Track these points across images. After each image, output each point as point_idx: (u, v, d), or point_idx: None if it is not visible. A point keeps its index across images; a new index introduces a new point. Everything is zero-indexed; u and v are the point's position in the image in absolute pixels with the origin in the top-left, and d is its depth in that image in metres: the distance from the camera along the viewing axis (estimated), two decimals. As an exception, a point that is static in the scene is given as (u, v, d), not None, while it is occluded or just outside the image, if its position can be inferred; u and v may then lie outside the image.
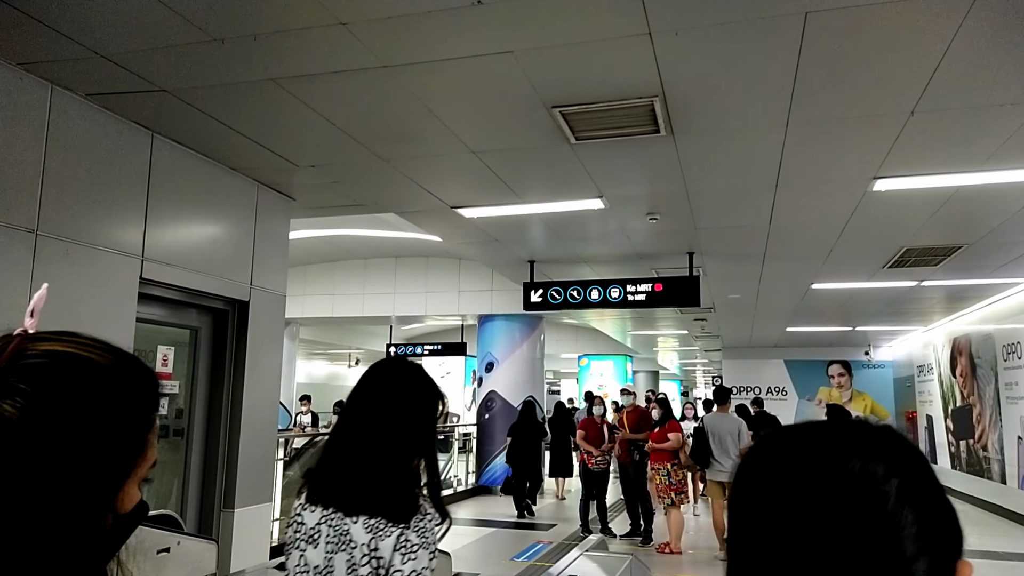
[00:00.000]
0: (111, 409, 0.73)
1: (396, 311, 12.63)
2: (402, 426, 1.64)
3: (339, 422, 1.73)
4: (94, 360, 0.74)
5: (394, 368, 1.76)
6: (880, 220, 6.07)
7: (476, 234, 6.73)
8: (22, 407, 0.68)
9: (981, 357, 10.78)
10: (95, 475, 0.71)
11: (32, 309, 0.78)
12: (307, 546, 1.61)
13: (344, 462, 1.64)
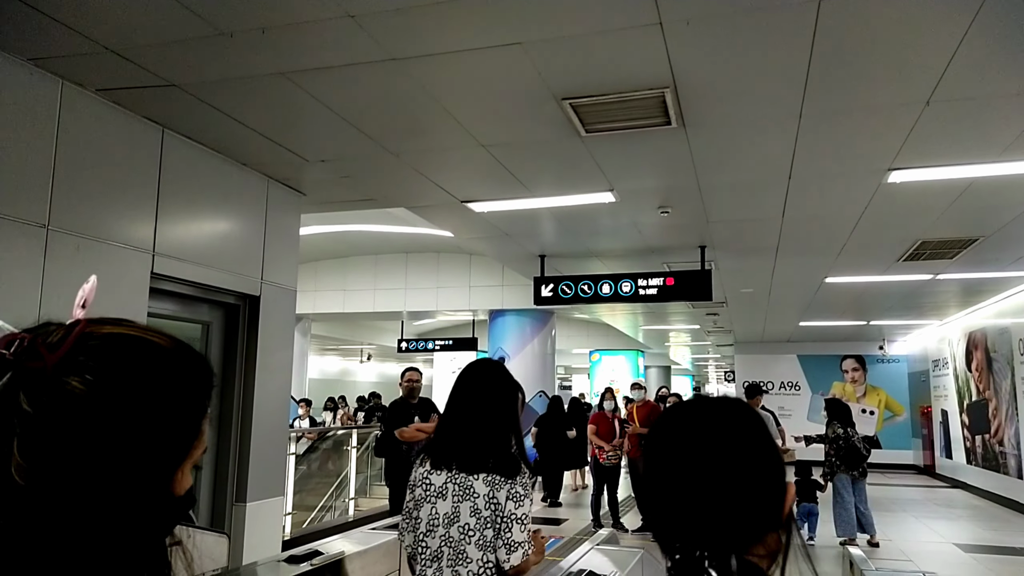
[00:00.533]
0: (173, 390, 0.75)
1: (407, 306, 12.64)
2: (500, 409, 2.29)
3: (449, 406, 2.35)
4: (157, 343, 0.76)
5: (489, 368, 2.44)
6: (895, 213, 6.00)
7: (486, 229, 6.71)
8: (91, 384, 0.69)
9: (997, 351, 10.66)
10: (157, 454, 0.73)
11: (84, 300, 0.79)
12: (437, 499, 2.18)
13: (463, 436, 2.24)
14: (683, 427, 1.00)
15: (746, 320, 13.68)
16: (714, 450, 0.96)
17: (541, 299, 7.76)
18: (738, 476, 0.94)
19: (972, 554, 7.31)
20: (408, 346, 15.41)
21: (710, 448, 0.96)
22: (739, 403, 1.04)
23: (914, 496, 11.98)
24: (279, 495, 5.27)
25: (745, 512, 0.93)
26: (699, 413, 1.02)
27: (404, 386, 6.35)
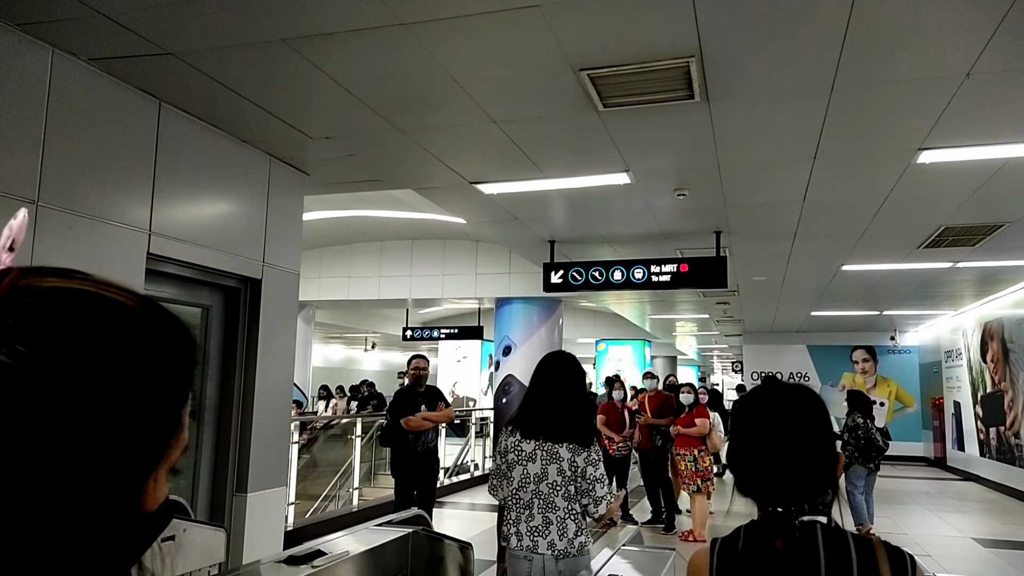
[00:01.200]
0: (142, 367, 0.53)
1: (412, 294, 12.46)
2: (575, 391, 2.89)
3: (534, 389, 2.91)
4: (119, 302, 0.54)
5: (564, 356, 3.01)
6: (920, 197, 5.78)
7: (495, 212, 6.50)
8: (23, 356, 0.48)
9: (1015, 342, 10.43)
10: (121, 456, 0.51)
11: (12, 241, 0.58)
12: (527, 462, 2.79)
13: (547, 412, 2.82)
14: (776, 409, 1.30)
15: (757, 309, 13.46)
16: (800, 428, 1.29)
17: (551, 286, 7.56)
18: (817, 447, 1.28)
19: (992, 549, 7.13)
20: (413, 334, 15.25)
21: (798, 426, 1.29)
22: (811, 390, 1.34)
23: (927, 489, 11.80)
24: (281, 485, 5.10)
25: (822, 473, 1.26)
26: (786, 398, 1.32)
27: (411, 374, 6.17)
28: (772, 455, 1.25)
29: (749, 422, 1.30)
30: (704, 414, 7.67)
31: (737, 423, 1.33)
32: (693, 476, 7.38)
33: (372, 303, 13.77)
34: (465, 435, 12.78)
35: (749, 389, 1.39)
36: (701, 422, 7.54)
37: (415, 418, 5.92)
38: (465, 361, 21.11)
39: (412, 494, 6.01)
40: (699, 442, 7.49)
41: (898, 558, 1.21)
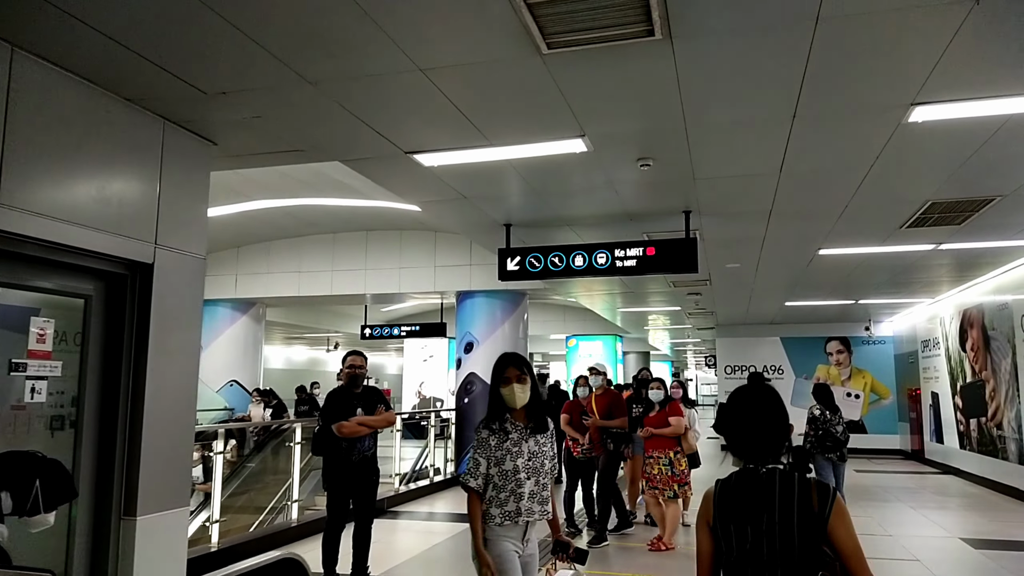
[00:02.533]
0: None
1: (368, 288, 11.72)
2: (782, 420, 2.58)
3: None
4: None
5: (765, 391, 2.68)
6: (908, 166, 5.22)
7: (440, 189, 5.82)
8: None
9: (996, 329, 10.01)
10: None
11: None
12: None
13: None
14: (756, 398, 2.16)
15: (730, 300, 12.95)
16: (771, 410, 2.14)
17: (507, 273, 6.90)
18: (779, 422, 2.13)
19: (982, 551, 6.63)
20: (373, 332, 14.49)
21: (762, 412, 2.13)
22: (772, 389, 2.21)
23: (906, 484, 11.37)
24: (182, 505, 4.36)
25: (776, 441, 2.10)
26: (755, 394, 2.18)
27: (346, 373, 5.47)
28: (748, 429, 2.12)
29: (736, 408, 2.16)
30: (678, 412, 7.03)
31: (729, 409, 2.16)
32: (669, 481, 6.73)
33: (326, 299, 13.00)
34: (424, 437, 12.07)
35: (735, 387, 2.24)
36: (676, 421, 6.89)
37: (349, 423, 5.22)
38: (432, 360, 20.40)
39: (346, 507, 5.31)
40: (674, 443, 6.86)
41: (823, 490, 2.04)
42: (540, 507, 3.09)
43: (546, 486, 3.15)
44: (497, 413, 3.17)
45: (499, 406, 3.17)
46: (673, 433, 6.80)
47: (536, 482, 3.07)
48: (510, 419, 3.15)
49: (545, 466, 3.12)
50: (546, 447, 3.16)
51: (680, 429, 6.83)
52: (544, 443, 3.16)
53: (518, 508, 3.03)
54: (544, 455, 3.13)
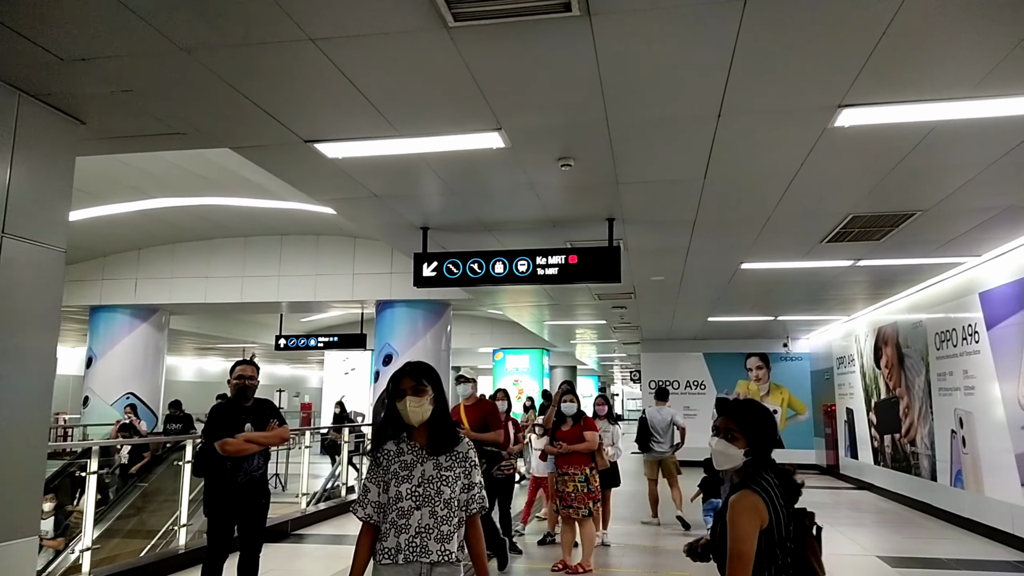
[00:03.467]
0: None
1: (282, 296, 11.09)
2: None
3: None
4: None
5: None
6: (832, 174, 5.11)
7: (348, 186, 5.38)
8: None
9: (910, 347, 10.22)
10: None
11: None
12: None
13: None
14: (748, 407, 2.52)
15: (654, 314, 12.88)
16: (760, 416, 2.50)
17: (423, 280, 6.49)
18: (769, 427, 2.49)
19: (900, 569, 6.58)
20: (288, 343, 13.77)
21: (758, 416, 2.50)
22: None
23: (822, 499, 11.45)
24: (30, 535, 3.75)
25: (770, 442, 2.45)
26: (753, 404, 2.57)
27: (233, 384, 4.92)
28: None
29: (738, 409, 2.54)
30: (593, 427, 6.70)
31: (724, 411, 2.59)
32: (584, 499, 6.40)
33: (236, 307, 12.24)
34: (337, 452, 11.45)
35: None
36: (591, 436, 6.57)
37: (235, 440, 4.68)
38: (354, 373, 19.68)
39: (230, 534, 4.76)
40: (589, 460, 6.54)
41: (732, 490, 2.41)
42: (440, 546, 2.56)
43: (451, 520, 2.59)
44: (393, 431, 2.75)
45: (396, 423, 2.74)
46: (587, 449, 6.49)
47: (431, 514, 2.55)
48: (406, 438, 2.70)
49: (443, 494, 2.57)
50: (450, 472, 2.63)
51: (595, 444, 6.53)
52: (449, 467, 2.64)
53: (398, 545, 2.54)
54: (444, 481, 2.60)
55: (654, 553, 7.30)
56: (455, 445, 2.70)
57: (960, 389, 8.53)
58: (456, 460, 2.67)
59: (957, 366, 8.62)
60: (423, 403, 2.65)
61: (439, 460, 2.65)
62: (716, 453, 2.42)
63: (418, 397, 2.65)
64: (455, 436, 2.71)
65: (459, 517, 2.62)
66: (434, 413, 2.69)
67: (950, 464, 8.87)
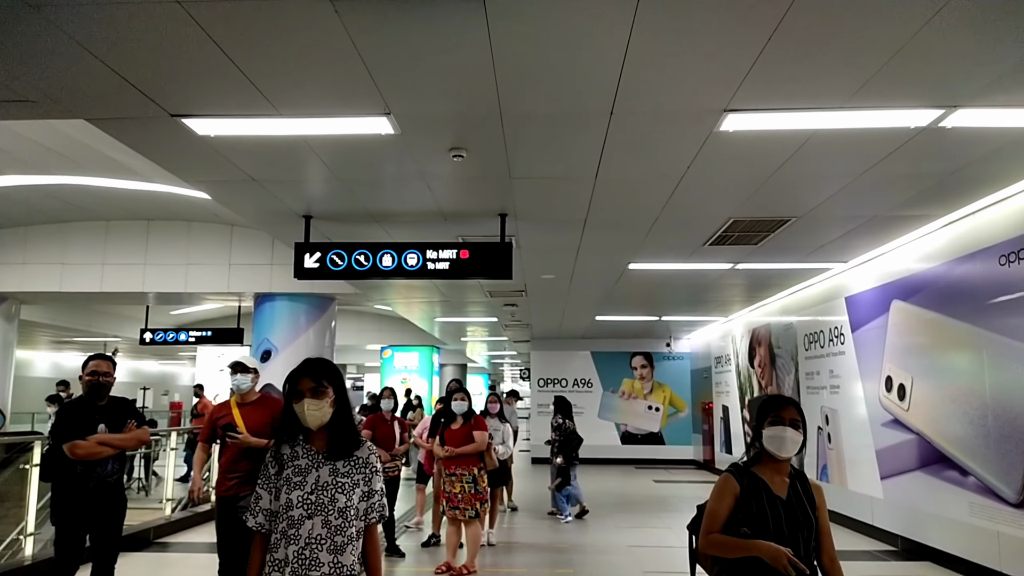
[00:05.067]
0: None
1: (148, 286, 10.27)
2: None
3: None
4: None
5: None
6: (716, 178, 5.24)
7: (223, 168, 4.98)
8: None
9: (781, 347, 10.79)
10: None
11: None
12: None
13: None
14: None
15: (544, 313, 12.97)
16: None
17: (304, 271, 6.15)
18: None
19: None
20: (155, 337, 12.82)
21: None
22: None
23: (700, 493, 11.89)
24: None
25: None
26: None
27: (86, 381, 4.43)
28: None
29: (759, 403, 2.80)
30: (482, 426, 6.56)
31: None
32: (471, 500, 6.25)
33: (96, 297, 11.25)
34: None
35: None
36: (480, 436, 6.41)
37: (86, 443, 4.21)
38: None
39: (81, 545, 4.29)
40: (477, 460, 6.40)
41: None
42: (332, 558, 2.36)
43: (346, 530, 2.39)
44: (289, 434, 2.50)
45: (293, 425, 2.50)
46: (475, 450, 6.36)
47: (324, 523, 2.37)
48: (302, 442, 2.50)
49: (338, 502, 2.38)
50: (347, 479, 2.43)
51: (483, 445, 6.40)
52: (347, 473, 2.44)
53: (287, 556, 2.36)
54: (340, 488, 2.41)
55: (539, 551, 7.28)
56: (355, 449, 2.50)
57: (826, 388, 9.08)
58: (355, 466, 2.46)
59: (824, 366, 9.17)
60: (322, 406, 2.45)
61: (336, 466, 2.45)
62: (791, 442, 2.55)
63: (317, 399, 2.44)
64: (356, 440, 2.51)
65: (356, 527, 2.43)
66: (335, 416, 2.49)
67: (817, 459, 9.43)
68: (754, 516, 2.50)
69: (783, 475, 2.59)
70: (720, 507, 2.56)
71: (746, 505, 2.52)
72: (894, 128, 4.25)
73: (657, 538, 7.90)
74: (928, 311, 6.82)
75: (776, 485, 2.56)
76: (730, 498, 2.55)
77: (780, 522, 2.49)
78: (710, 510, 2.59)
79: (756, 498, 2.52)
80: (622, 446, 17.12)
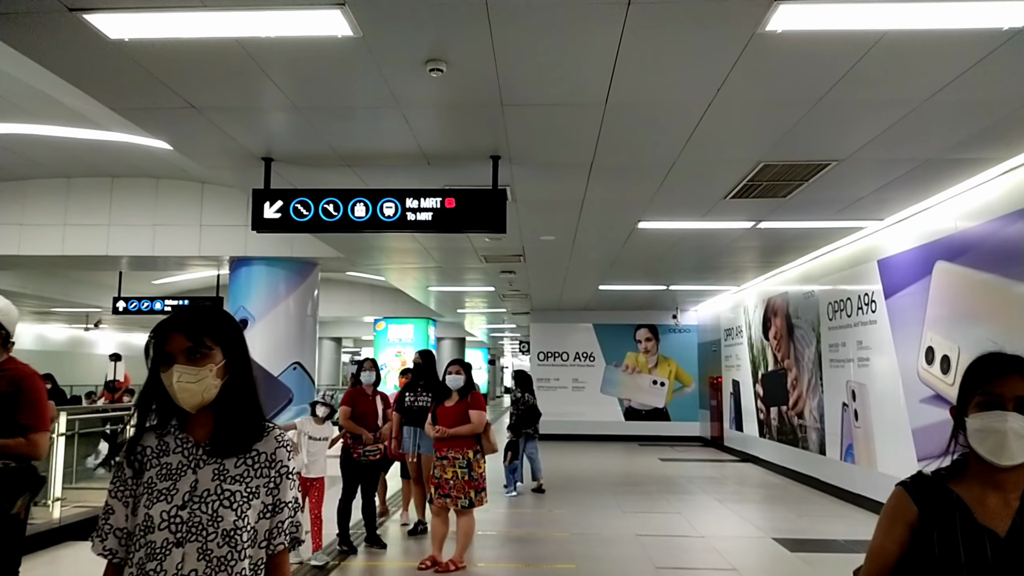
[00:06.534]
0: None
1: (112, 249, 9.41)
2: None
3: None
4: None
5: None
6: (748, 109, 4.37)
7: (153, 90, 4.09)
8: None
9: (800, 317, 9.96)
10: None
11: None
12: None
13: None
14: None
15: (545, 281, 12.12)
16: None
17: (264, 222, 5.29)
18: None
19: (798, 553, 6.11)
20: (128, 306, 11.99)
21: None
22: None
23: (709, 473, 11.17)
24: None
25: None
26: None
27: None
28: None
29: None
30: (481, 405, 5.70)
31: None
32: (464, 487, 5.42)
33: (58, 261, 10.40)
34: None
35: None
36: (477, 416, 5.54)
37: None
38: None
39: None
40: (473, 443, 5.55)
41: None
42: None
43: (235, 565, 1.56)
44: (157, 417, 1.68)
45: (162, 405, 1.66)
46: (471, 431, 5.53)
47: (202, 553, 1.54)
48: (174, 429, 1.66)
49: (223, 522, 1.57)
50: (239, 486, 1.60)
51: (481, 425, 5.57)
52: (241, 478, 1.62)
53: None
54: (229, 500, 1.58)
55: (536, 541, 6.51)
56: (255, 441, 1.66)
57: (853, 361, 8.25)
58: (254, 466, 1.64)
59: (851, 337, 8.33)
60: (203, 376, 1.61)
61: (224, 467, 1.62)
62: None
63: (194, 366, 1.61)
64: (257, 427, 1.68)
65: (252, 559, 1.61)
66: (224, 392, 1.65)
67: (840, 438, 8.63)
68: (941, 559, 1.51)
69: (1006, 493, 1.54)
70: (886, 543, 1.60)
71: (926, 540, 1.54)
72: (983, 30, 3.37)
73: (667, 526, 7.13)
74: (980, 272, 5.96)
75: (988, 510, 1.53)
76: (901, 528, 1.59)
77: (988, 571, 1.48)
78: (872, 548, 1.63)
79: (946, 529, 1.53)
80: (625, 422, 16.38)
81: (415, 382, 6.91)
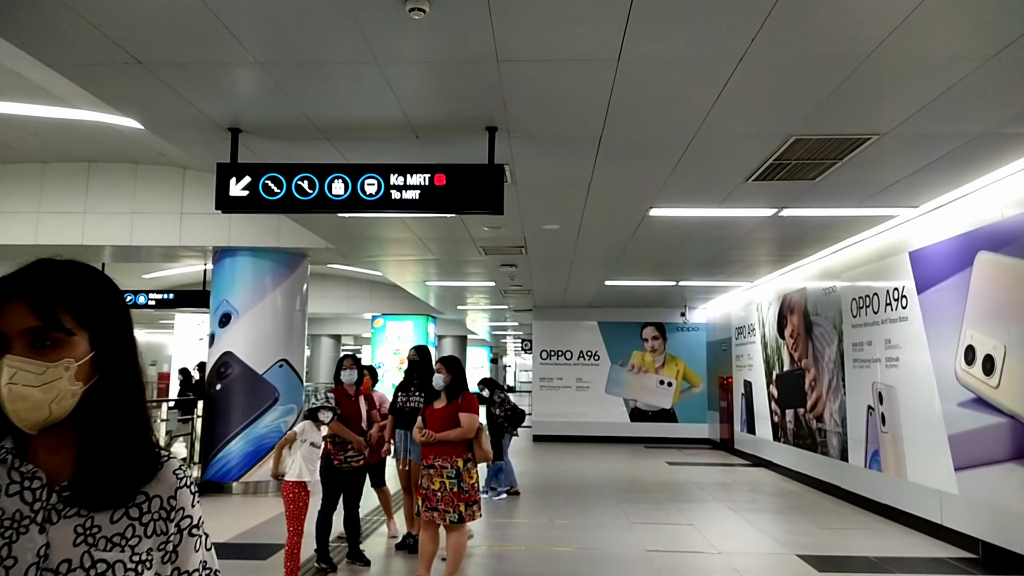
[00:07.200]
0: None
1: (88, 238, 8.86)
2: None
3: None
4: None
5: None
6: (782, 70, 3.76)
7: (86, 36, 3.50)
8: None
9: (820, 314, 9.33)
10: None
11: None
12: None
13: None
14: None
15: (547, 276, 11.52)
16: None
17: (229, 200, 4.71)
18: None
19: (827, 574, 5.49)
20: (111, 299, 11.40)
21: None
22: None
23: (720, 478, 10.56)
24: None
25: None
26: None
27: None
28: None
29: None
30: (473, 407, 5.08)
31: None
32: (453, 500, 4.82)
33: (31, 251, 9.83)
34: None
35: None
36: (467, 420, 4.92)
37: None
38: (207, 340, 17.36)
39: None
40: (463, 450, 4.94)
41: None
42: None
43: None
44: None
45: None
46: (461, 436, 4.91)
47: None
48: (10, 456, 1.04)
49: None
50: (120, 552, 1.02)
51: (472, 430, 4.95)
52: (121, 540, 1.03)
53: None
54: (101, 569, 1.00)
55: (533, 557, 5.92)
56: (144, 481, 1.08)
57: (880, 361, 7.63)
58: (142, 519, 1.06)
59: (878, 335, 7.71)
60: (53, 376, 1.00)
61: (94, 521, 1.03)
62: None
63: (40, 359, 1.00)
64: (146, 458, 1.09)
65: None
66: (89, 402, 1.05)
67: (865, 443, 8.01)
68: None
69: None
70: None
71: None
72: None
73: (680, 540, 6.53)
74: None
75: None
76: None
77: None
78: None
79: None
80: (631, 423, 15.78)
81: (408, 381, 6.33)
